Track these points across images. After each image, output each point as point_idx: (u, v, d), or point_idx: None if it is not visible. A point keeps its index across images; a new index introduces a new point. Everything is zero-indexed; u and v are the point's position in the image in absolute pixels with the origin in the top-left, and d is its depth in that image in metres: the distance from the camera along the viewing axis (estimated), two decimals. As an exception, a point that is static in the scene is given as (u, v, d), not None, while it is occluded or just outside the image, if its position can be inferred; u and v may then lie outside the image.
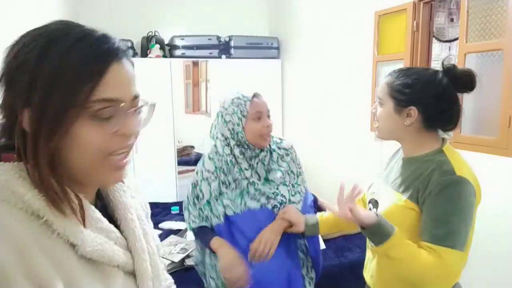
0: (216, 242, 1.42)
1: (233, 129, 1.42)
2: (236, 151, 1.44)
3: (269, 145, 1.52)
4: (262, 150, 1.48)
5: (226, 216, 1.46)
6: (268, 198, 1.49)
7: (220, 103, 1.50)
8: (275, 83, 4.33)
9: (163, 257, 2.22)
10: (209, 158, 1.49)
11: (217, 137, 1.51)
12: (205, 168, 1.47)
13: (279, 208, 1.49)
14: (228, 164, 1.45)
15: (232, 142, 1.44)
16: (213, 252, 1.45)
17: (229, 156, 1.45)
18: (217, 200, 1.46)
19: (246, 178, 1.46)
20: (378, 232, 1.15)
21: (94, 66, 0.58)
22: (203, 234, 1.50)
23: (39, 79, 0.55)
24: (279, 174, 1.51)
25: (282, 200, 1.50)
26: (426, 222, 1.16)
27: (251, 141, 1.43)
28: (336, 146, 3.41)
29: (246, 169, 1.46)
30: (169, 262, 2.19)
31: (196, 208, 1.53)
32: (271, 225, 1.44)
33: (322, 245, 2.45)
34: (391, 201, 1.26)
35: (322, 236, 2.52)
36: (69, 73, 0.55)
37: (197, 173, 1.52)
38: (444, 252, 1.11)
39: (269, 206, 1.49)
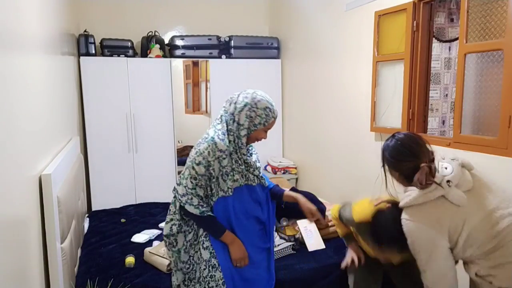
0: (229, 236, 1.70)
1: (251, 125, 1.66)
2: (243, 138, 1.67)
3: None
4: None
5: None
6: (254, 176, 1.78)
7: (252, 97, 1.66)
8: (275, 83, 4.33)
9: (162, 257, 2.22)
10: (219, 139, 1.63)
11: (233, 119, 1.66)
12: (218, 148, 1.61)
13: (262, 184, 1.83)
14: (235, 143, 1.67)
15: (244, 132, 1.66)
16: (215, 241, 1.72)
17: (237, 137, 1.67)
18: (227, 175, 1.66)
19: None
20: None
21: None
22: (214, 224, 1.69)
23: None
24: (254, 157, 1.82)
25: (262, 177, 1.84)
26: None
27: (250, 140, 1.72)
28: (336, 146, 3.41)
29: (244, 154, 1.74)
30: (169, 262, 2.19)
31: (201, 190, 1.65)
32: None
33: (322, 245, 2.45)
34: None
35: (322, 236, 2.53)
36: None
37: (209, 153, 1.60)
38: None
39: (260, 182, 1.81)
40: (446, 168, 1.44)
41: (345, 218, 1.99)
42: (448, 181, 1.39)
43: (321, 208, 2.61)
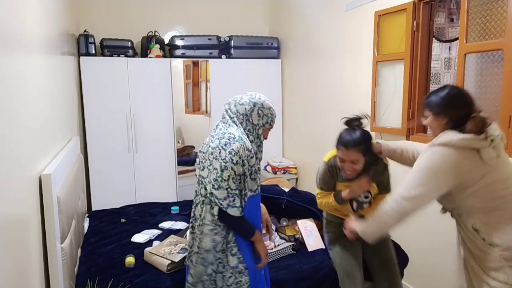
0: (258, 234, 1.73)
1: (262, 123, 1.72)
2: (261, 137, 1.75)
3: None
4: None
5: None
6: None
7: (258, 97, 1.73)
8: (275, 83, 4.33)
9: (162, 257, 2.22)
10: (245, 138, 1.66)
11: (248, 118, 1.70)
12: (247, 148, 1.63)
13: None
14: (255, 143, 1.73)
15: (260, 130, 1.73)
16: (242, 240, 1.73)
17: (257, 137, 1.73)
18: (256, 173, 1.69)
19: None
20: None
21: None
22: (247, 224, 1.70)
23: None
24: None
25: None
26: None
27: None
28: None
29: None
30: (169, 262, 2.19)
31: (238, 190, 1.64)
32: None
33: (322, 245, 2.45)
34: None
35: (322, 236, 2.53)
36: None
37: (243, 152, 1.61)
38: None
39: None
40: (495, 130, 1.56)
41: (320, 173, 2.13)
42: (492, 139, 1.52)
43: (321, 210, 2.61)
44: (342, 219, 2.18)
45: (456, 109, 1.60)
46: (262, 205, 1.98)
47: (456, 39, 3.08)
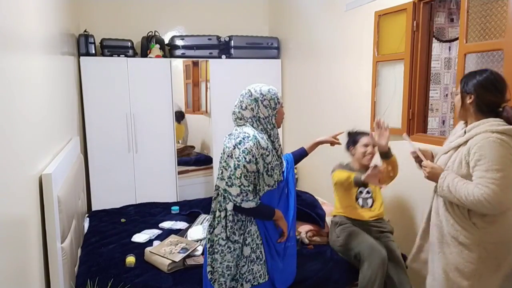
0: (278, 213, 1.84)
1: (272, 109, 1.79)
2: (272, 130, 1.82)
3: None
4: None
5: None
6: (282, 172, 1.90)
7: (254, 91, 1.78)
8: (275, 83, 4.33)
9: (163, 257, 2.23)
10: (260, 137, 1.73)
11: (257, 118, 1.77)
12: (260, 145, 1.71)
13: None
14: (273, 136, 1.82)
15: (273, 118, 1.80)
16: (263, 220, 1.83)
17: (272, 129, 1.81)
18: (273, 170, 1.77)
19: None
20: None
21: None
22: (266, 208, 1.80)
23: None
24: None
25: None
26: None
27: (278, 123, 1.85)
28: (336, 146, 3.40)
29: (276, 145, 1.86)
30: (170, 261, 2.19)
31: (252, 185, 1.73)
32: None
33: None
34: None
35: (323, 242, 2.53)
36: None
37: (256, 150, 1.68)
38: None
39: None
40: None
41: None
42: None
43: (320, 214, 2.62)
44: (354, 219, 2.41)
45: (487, 93, 1.59)
46: (317, 139, 2.30)
47: (456, 39, 3.08)
